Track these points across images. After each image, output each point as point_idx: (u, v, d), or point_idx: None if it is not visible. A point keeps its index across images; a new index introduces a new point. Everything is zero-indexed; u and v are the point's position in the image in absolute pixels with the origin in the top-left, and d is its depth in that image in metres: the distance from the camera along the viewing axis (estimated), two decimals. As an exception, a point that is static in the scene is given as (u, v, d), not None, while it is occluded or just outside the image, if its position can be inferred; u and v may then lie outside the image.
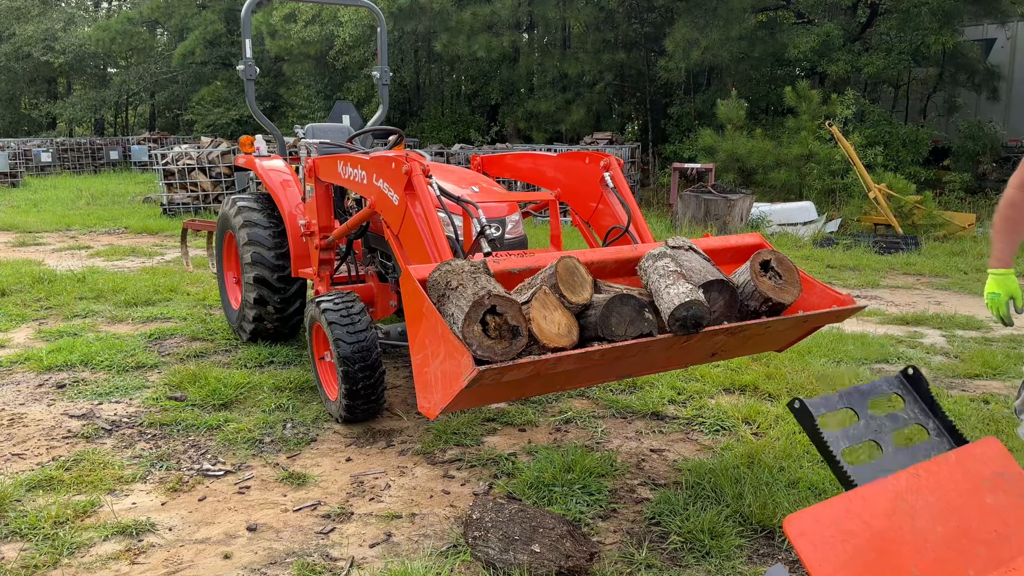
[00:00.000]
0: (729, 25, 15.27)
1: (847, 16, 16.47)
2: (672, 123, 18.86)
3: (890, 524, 1.79)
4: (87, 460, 3.71)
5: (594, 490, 3.41)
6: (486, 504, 3.03)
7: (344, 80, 22.20)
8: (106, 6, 37.51)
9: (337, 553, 2.97)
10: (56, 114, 33.58)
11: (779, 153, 13.16)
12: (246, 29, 5.65)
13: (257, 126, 21.41)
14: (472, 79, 23.07)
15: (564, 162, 4.55)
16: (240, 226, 5.25)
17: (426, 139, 21.14)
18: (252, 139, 5.87)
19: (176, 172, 13.48)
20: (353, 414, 4.10)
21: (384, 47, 6.20)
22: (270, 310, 5.27)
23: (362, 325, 4.00)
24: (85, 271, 7.93)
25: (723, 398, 4.65)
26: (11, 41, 30.76)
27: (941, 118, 17.01)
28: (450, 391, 2.69)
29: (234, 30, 26.19)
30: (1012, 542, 1.83)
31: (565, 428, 4.21)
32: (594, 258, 3.32)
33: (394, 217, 3.82)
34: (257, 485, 3.53)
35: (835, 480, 3.41)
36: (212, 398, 4.48)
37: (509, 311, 2.67)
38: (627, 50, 18.70)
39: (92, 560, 2.90)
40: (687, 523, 3.10)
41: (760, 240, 3.76)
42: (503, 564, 2.76)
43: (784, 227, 11.18)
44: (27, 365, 5.11)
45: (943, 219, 11.33)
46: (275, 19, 21.65)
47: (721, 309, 3.12)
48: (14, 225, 11.93)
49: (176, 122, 32.56)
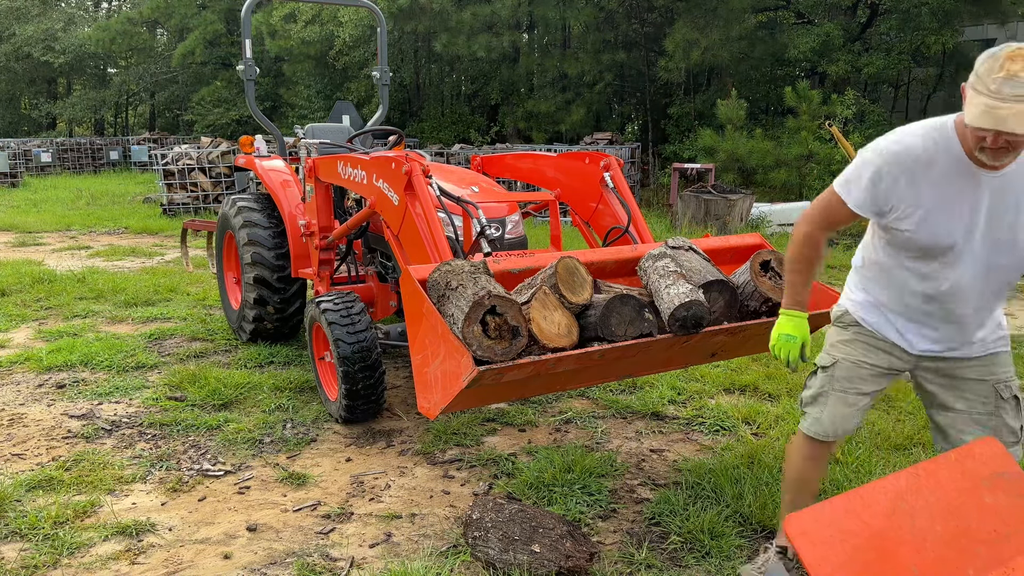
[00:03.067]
0: (729, 25, 15.27)
1: (847, 16, 16.47)
2: (672, 123, 18.85)
3: (890, 524, 1.80)
4: (87, 460, 3.72)
5: (594, 490, 3.41)
6: (486, 504, 3.04)
7: (344, 80, 22.19)
8: (106, 6, 37.51)
9: (337, 553, 2.97)
10: (56, 114, 33.59)
11: (779, 153, 13.16)
12: (246, 29, 5.65)
13: (257, 126, 21.43)
14: (472, 79, 23.07)
15: (564, 162, 4.55)
16: (240, 226, 5.25)
17: (426, 139, 21.14)
18: (252, 139, 5.87)
19: (176, 172, 13.48)
20: (353, 414, 4.10)
21: (384, 47, 6.20)
22: (270, 310, 5.27)
23: (362, 325, 4.00)
24: (85, 271, 7.93)
25: (723, 398, 4.65)
26: (11, 41, 30.75)
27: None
28: (450, 391, 2.69)
29: (234, 30, 26.19)
30: (1011, 542, 1.83)
31: (565, 428, 4.21)
32: (594, 258, 3.32)
33: (394, 217, 3.82)
34: (257, 485, 3.53)
35: (835, 480, 3.42)
36: (212, 398, 4.48)
37: (509, 311, 2.67)
38: (627, 50, 18.69)
39: (92, 560, 2.90)
40: (687, 523, 3.10)
41: (760, 240, 3.76)
42: (503, 564, 2.77)
43: (784, 227, 11.17)
44: (27, 365, 5.11)
45: (943, 219, 11.31)
46: (275, 19, 21.64)
47: (721, 309, 3.12)
48: (14, 225, 11.93)
49: (176, 122, 32.57)
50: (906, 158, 2.27)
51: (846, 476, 3.46)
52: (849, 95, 13.59)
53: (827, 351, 2.61)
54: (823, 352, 2.62)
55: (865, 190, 2.32)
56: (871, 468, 3.55)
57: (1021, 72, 1.96)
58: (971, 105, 2.05)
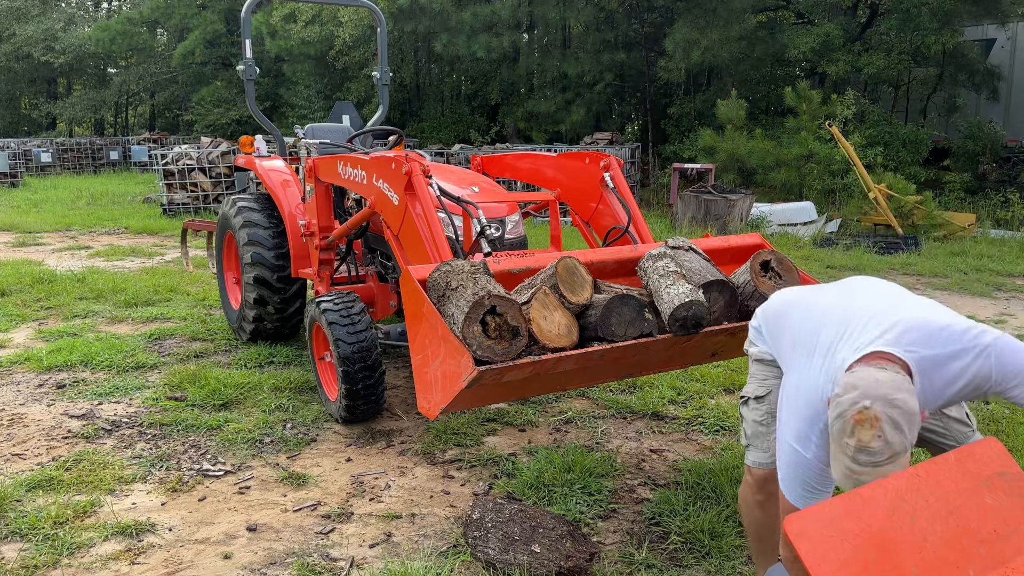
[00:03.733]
0: (729, 25, 15.27)
1: (847, 16, 16.46)
2: (672, 123, 18.86)
3: (890, 524, 1.79)
4: (87, 460, 3.72)
5: (594, 490, 3.41)
6: (486, 504, 3.04)
7: (344, 80, 22.19)
8: (106, 6, 37.52)
9: (337, 553, 2.97)
10: (56, 114, 33.57)
11: (779, 153, 13.16)
12: (246, 29, 5.65)
13: (257, 126, 21.41)
14: (472, 79, 23.07)
15: (564, 162, 4.55)
16: (240, 226, 5.25)
17: (426, 139, 21.14)
18: (252, 139, 5.87)
19: (176, 172, 13.48)
20: (353, 414, 4.10)
21: (384, 47, 6.20)
22: (270, 310, 5.27)
23: (362, 325, 4.00)
24: (85, 271, 7.93)
25: (723, 398, 4.65)
26: (11, 41, 30.74)
27: (941, 118, 17.00)
28: (450, 391, 2.69)
29: (234, 30, 26.19)
30: (1012, 542, 1.83)
31: (565, 428, 4.21)
32: (594, 258, 3.32)
33: (394, 217, 3.82)
34: (257, 485, 3.53)
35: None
36: (212, 398, 4.48)
37: (509, 311, 2.67)
38: (627, 50, 18.70)
39: (92, 560, 2.90)
40: (687, 523, 3.10)
41: (760, 240, 3.76)
42: (503, 564, 2.76)
43: (784, 227, 11.18)
44: (27, 365, 5.11)
45: (943, 219, 11.33)
46: (275, 19, 21.64)
47: (721, 309, 3.12)
48: (14, 225, 11.93)
49: (176, 122, 32.58)
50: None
51: (846, 476, 3.46)
52: (849, 95, 13.58)
53: (760, 384, 2.51)
54: (752, 385, 2.53)
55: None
56: (871, 468, 3.54)
57: (871, 442, 1.80)
58: (834, 461, 1.91)
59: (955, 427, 2.43)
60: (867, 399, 1.82)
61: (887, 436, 1.80)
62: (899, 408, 1.82)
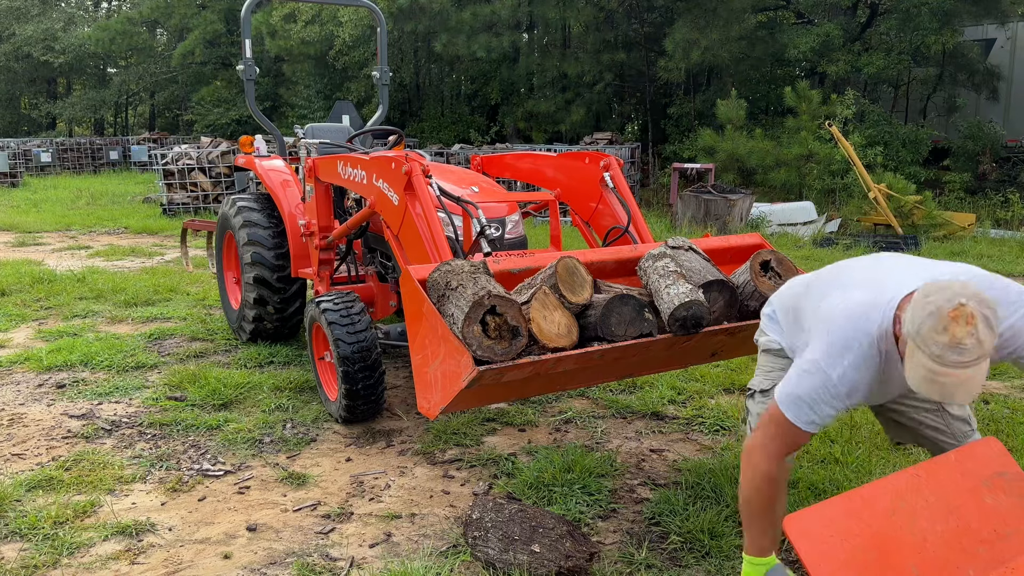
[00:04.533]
0: (729, 25, 15.27)
1: (847, 16, 16.46)
2: (672, 123, 18.85)
3: (890, 524, 1.80)
4: (87, 460, 3.71)
5: (594, 490, 3.40)
6: (486, 504, 3.03)
7: (344, 80, 22.19)
8: (106, 6, 37.51)
9: (337, 553, 2.97)
10: (56, 114, 33.57)
11: (779, 153, 13.16)
12: (246, 29, 5.65)
13: (257, 126, 21.41)
14: (472, 79, 23.07)
15: (564, 162, 4.55)
16: (240, 226, 5.25)
17: (426, 139, 21.14)
18: (252, 139, 5.86)
19: (176, 172, 13.48)
20: (353, 414, 4.10)
21: (384, 47, 6.20)
22: (270, 310, 5.27)
23: (362, 325, 4.00)
24: (85, 271, 7.93)
25: (723, 398, 4.65)
26: (11, 41, 30.76)
27: (941, 118, 17.00)
28: (450, 391, 2.69)
29: (234, 30, 26.18)
30: (1012, 542, 1.83)
31: (565, 428, 4.21)
32: (594, 258, 3.32)
33: (394, 217, 3.82)
34: (257, 485, 3.53)
35: (835, 480, 3.41)
36: (212, 398, 4.48)
37: (509, 311, 2.67)
38: (627, 50, 18.70)
39: (92, 560, 2.90)
40: (687, 523, 3.09)
41: (760, 240, 3.76)
42: (503, 564, 2.76)
43: (784, 227, 11.18)
44: (27, 365, 5.11)
45: (943, 219, 11.33)
46: (275, 19, 21.64)
47: (721, 309, 3.12)
48: (14, 225, 11.93)
49: (176, 122, 32.58)
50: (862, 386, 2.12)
51: (846, 476, 3.46)
52: (849, 95, 13.59)
53: (765, 376, 2.54)
54: (758, 378, 2.56)
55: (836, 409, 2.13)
56: (871, 468, 3.55)
57: (966, 339, 1.76)
58: (912, 364, 1.86)
59: (956, 425, 2.44)
60: (962, 296, 1.81)
61: (980, 334, 1.79)
62: (991, 309, 1.82)
